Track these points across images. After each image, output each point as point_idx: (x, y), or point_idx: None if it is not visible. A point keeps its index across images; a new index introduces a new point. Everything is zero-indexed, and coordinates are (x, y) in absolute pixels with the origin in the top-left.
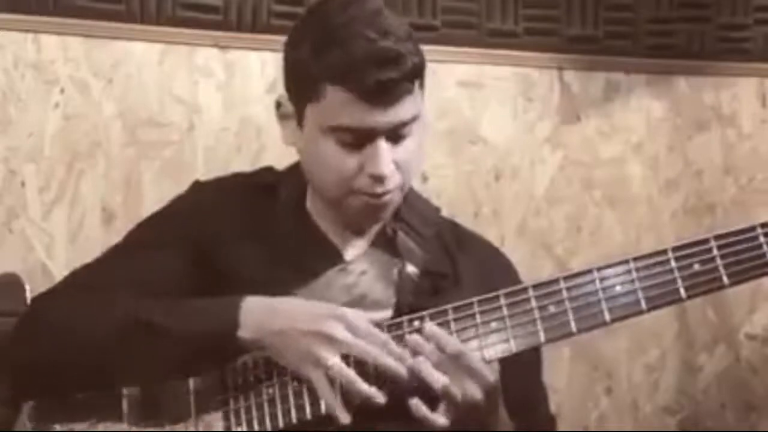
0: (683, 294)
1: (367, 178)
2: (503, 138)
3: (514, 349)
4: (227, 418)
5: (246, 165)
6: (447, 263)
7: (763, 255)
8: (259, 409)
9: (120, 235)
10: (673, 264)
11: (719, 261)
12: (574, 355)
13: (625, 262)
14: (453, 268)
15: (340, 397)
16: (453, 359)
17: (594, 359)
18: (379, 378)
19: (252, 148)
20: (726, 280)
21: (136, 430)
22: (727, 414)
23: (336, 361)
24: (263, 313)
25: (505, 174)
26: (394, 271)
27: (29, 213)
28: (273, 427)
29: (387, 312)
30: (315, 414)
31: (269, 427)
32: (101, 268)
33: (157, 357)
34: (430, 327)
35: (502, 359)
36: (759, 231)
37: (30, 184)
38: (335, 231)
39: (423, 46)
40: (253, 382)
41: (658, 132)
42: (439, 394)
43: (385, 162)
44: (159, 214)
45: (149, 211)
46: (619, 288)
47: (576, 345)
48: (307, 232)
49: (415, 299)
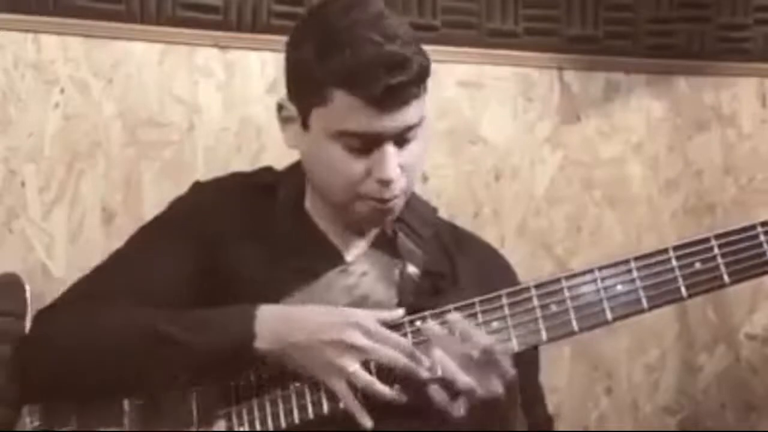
0: (684, 293)
1: (375, 183)
2: (503, 138)
3: (516, 348)
4: (229, 419)
5: (246, 165)
6: (446, 264)
7: (763, 254)
8: (261, 409)
9: (120, 235)
10: (674, 263)
11: (720, 260)
12: (574, 355)
13: (626, 261)
14: (452, 268)
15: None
16: (478, 352)
17: (594, 359)
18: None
19: (252, 148)
20: (727, 278)
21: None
22: (727, 414)
23: (357, 368)
24: (279, 323)
25: (505, 174)
26: (395, 271)
27: (29, 213)
28: (275, 428)
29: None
30: (317, 414)
31: (271, 428)
32: (105, 276)
33: (174, 368)
34: (456, 317)
35: None
36: (759, 230)
37: (30, 184)
38: (335, 231)
39: (423, 46)
40: (255, 382)
41: (658, 132)
42: (461, 389)
43: (393, 167)
44: (159, 218)
45: (149, 211)
46: (620, 287)
47: (576, 345)
48: (306, 232)
49: (416, 300)
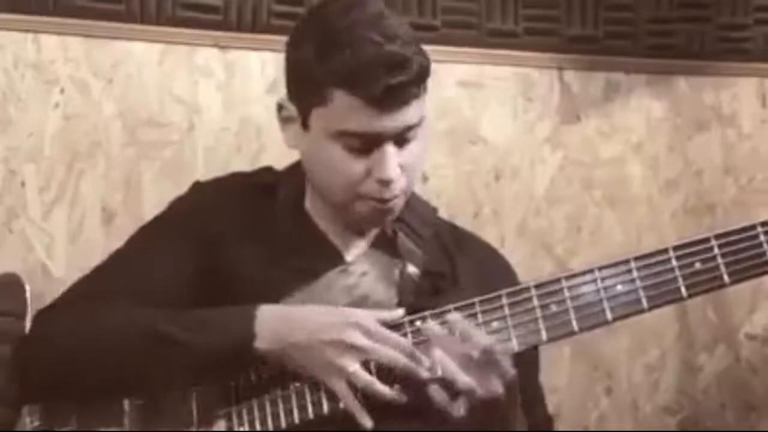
0: (684, 293)
1: (375, 183)
2: (503, 138)
3: (516, 348)
4: (229, 419)
5: (246, 165)
6: (446, 263)
7: (763, 254)
8: (261, 409)
9: (120, 235)
10: (674, 263)
11: (720, 260)
12: (574, 355)
13: (626, 261)
14: (452, 268)
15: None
16: (478, 352)
17: (594, 359)
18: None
19: (252, 148)
20: (727, 278)
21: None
22: (727, 414)
23: (357, 368)
24: (279, 323)
25: (505, 174)
26: (396, 271)
27: (29, 213)
28: (275, 428)
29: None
30: (317, 414)
31: (271, 428)
32: (105, 276)
33: (174, 368)
34: (456, 317)
35: None
36: (759, 230)
37: (30, 184)
38: (335, 231)
39: (423, 46)
40: (255, 383)
41: (658, 132)
42: (461, 389)
43: (393, 167)
44: (159, 218)
45: (149, 211)
46: (620, 287)
47: (576, 345)
48: (306, 232)
49: (416, 300)
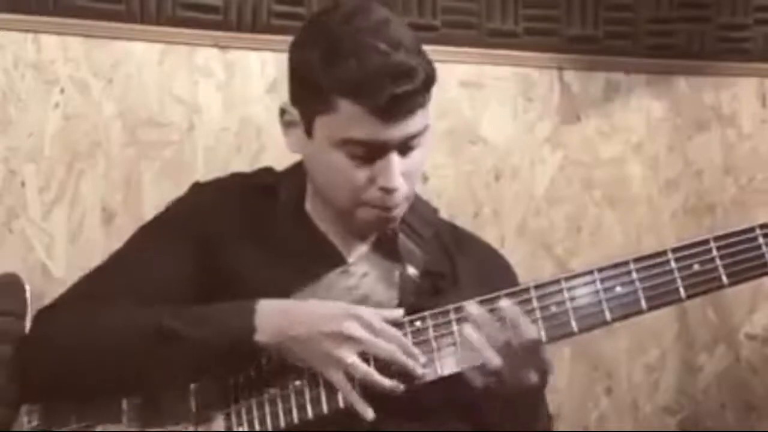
0: (683, 294)
1: (378, 190)
2: (503, 138)
3: None
4: (228, 418)
5: (246, 165)
6: (446, 263)
7: (761, 255)
8: (260, 409)
9: (120, 235)
10: (673, 264)
11: (718, 261)
12: (574, 355)
13: (625, 263)
14: (452, 268)
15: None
16: (523, 342)
17: (594, 359)
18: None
19: (252, 148)
20: (725, 280)
21: (134, 430)
22: (727, 414)
23: (355, 359)
24: (279, 316)
25: (505, 174)
26: (396, 273)
27: (29, 213)
28: (274, 427)
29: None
30: (316, 413)
31: (270, 427)
32: (105, 277)
33: (176, 363)
34: (508, 304)
35: None
36: (758, 232)
37: (30, 184)
38: (335, 233)
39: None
40: (254, 381)
41: (658, 132)
42: (493, 372)
43: (397, 175)
44: (159, 219)
45: (149, 211)
46: (619, 288)
47: (576, 345)
48: (307, 233)
49: (416, 300)
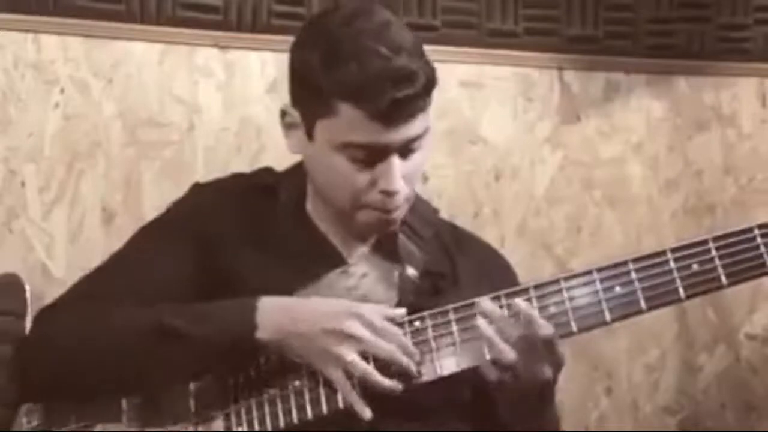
0: (682, 294)
1: (379, 193)
2: (503, 138)
3: None
4: (228, 418)
5: (246, 165)
6: (446, 263)
7: (760, 256)
8: (259, 409)
9: (120, 235)
10: (672, 265)
11: (717, 262)
12: (574, 355)
13: (624, 263)
14: (452, 268)
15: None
16: (540, 339)
17: (594, 359)
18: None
19: (252, 148)
20: (724, 280)
21: (134, 430)
22: (727, 414)
23: (354, 357)
24: (280, 314)
25: (505, 174)
26: (395, 273)
27: (29, 213)
28: (273, 427)
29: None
30: (316, 413)
31: (270, 427)
32: (105, 277)
33: (176, 362)
34: (523, 302)
35: None
36: (756, 232)
37: (30, 184)
38: (335, 233)
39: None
40: (253, 381)
41: (658, 132)
42: (507, 366)
43: (398, 178)
44: (159, 219)
45: (149, 211)
46: (618, 288)
47: (576, 345)
48: (307, 234)
49: (416, 300)
